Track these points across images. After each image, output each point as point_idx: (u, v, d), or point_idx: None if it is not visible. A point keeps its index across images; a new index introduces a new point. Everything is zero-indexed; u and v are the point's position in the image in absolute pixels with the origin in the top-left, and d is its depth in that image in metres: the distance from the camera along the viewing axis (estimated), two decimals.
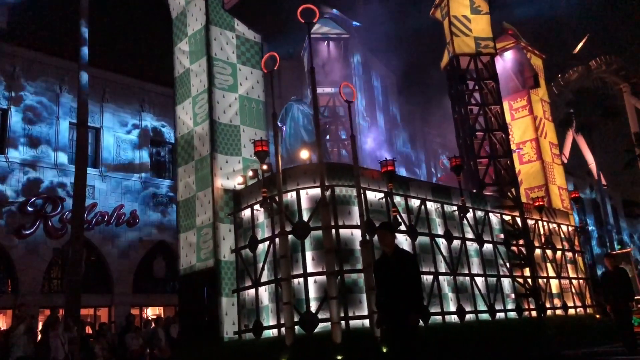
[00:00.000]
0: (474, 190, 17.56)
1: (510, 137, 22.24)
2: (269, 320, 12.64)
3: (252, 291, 13.11)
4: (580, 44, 59.65)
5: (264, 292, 12.92)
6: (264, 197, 12.64)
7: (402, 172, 25.98)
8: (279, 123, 15.29)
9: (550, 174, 21.91)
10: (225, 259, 13.71)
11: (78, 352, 14.67)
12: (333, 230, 12.17)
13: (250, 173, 13.79)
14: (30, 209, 21.86)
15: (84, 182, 17.74)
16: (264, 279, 12.89)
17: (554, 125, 23.43)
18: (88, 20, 18.77)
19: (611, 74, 57.32)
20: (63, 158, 23.44)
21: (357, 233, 12.47)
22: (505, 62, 23.30)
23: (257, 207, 13.20)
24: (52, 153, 23.20)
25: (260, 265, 12.99)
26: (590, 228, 44.11)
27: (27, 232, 21.66)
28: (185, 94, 15.65)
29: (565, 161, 52.00)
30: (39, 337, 15.32)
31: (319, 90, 20.22)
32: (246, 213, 13.65)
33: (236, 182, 14.15)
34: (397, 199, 13.97)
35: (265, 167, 13.06)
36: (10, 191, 21.64)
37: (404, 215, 13.83)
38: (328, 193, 12.43)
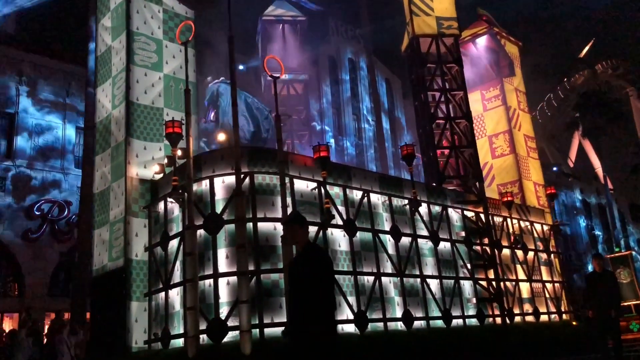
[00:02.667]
0: (434, 184, 15.90)
1: (482, 129, 20.68)
2: (180, 327, 10.94)
3: (164, 295, 11.43)
4: (586, 48, 58.65)
5: (176, 296, 11.23)
6: (173, 187, 10.99)
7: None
8: (205, 103, 13.70)
9: (525, 169, 20.27)
10: (137, 258, 12.04)
11: (84, 355, 13.78)
12: (250, 224, 10.50)
13: (166, 160, 12.13)
14: (37, 212, 22.20)
15: (91, 185, 16.33)
16: (176, 280, 11.21)
17: (530, 116, 21.76)
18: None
19: (617, 78, 56.23)
20: (70, 162, 23.78)
21: (282, 227, 10.80)
22: (479, 49, 21.72)
23: (170, 199, 11.53)
24: (58, 157, 23.43)
25: (171, 264, 11.31)
26: (597, 233, 42.75)
27: (34, 235, 21.91)
28: (106, 75, 14.03)
29: (572, 165, 50.79)
30: (45, 340, 15.33)
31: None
32: (162, 206, 11.99)
33: (153, 171, 12.49)
34: (336, 190, 12.32)
35: (180, 152, 11.39)
36: (18, 195, 21.89)
37: (342, 208, 12.16)
38: (247, 181, 10.79)
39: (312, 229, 11.31)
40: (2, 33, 24.43)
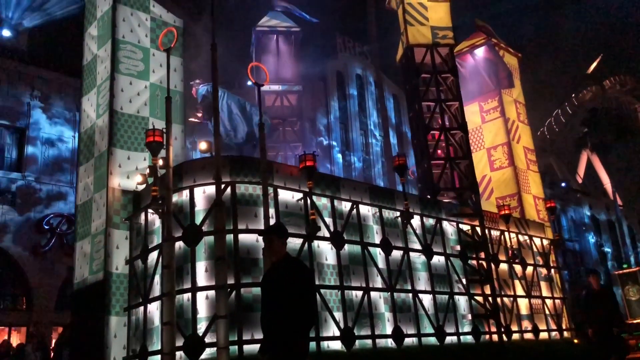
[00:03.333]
0: (428, 196, 15.47)
1: (481, 141, 20.29)
2: (158, 343, 10.51)
3: (143, 309, 11.02)
4: (594, 64, 58.51)
5: (156, 311, 10.81)
6: (153, 198, 10.64)
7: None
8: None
9: (524, 182, 19.80)
10: (117, 272, 11.65)
11: None
12: (231, 236, 10.10)
13: (148, 170, 11.78)
14: (46, 226, 22.16)
15: None
16: (156, 294, 10.79)
17: (530, 128, 21.32)
18: None
19: (625, 94, 55.91)
20: None
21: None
22: (477, 60, 21.39)
23: (151, 210, 11.16)
24: (68, 171, 23.45)
25: (150, 278, 10.90)
26: (606, 250, 42.19)
27: (43, 249, 21.92)
28: (91, 84, 13.79)
29: (580, 181, 50.30)
30: (52, 354, 15.39)
31: (265, 88, 18.40)
32: (143, 217, 11.62)
33: (135, 182, 12.14)
34: (324, 201, 11.92)
35: (161, 161, 11.05)
36: (27, 208, 21.94)
37: (329, 220, 11.75)
38: (229, 191, 10.42)
39: (297, 241, 10.92)
40: (14, 49, 24.79)
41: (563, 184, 43.13)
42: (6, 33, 24.45)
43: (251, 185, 10.68)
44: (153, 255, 11.01)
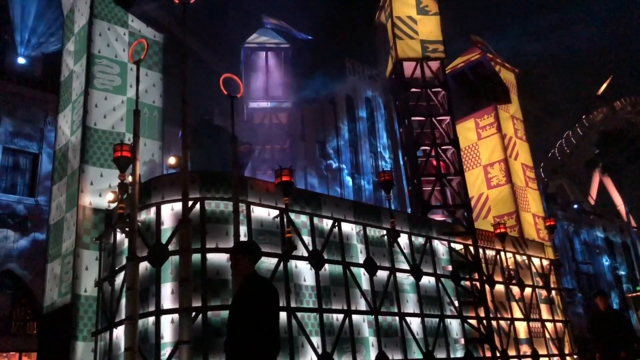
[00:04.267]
0: (419, 214, 14.85)
1: (477, 158, 19.70)
2: None
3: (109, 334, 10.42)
4: (604, 85, 58.28)
5: (122, 335, 10.18)
6: (119, 215, 10.10)
7: None
8: None
9: (523, 200, 19.10)
10: (86, 294, 11.09)
11: None
12: (198, 255, 9.54)
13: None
14: None
15: None
16: (123, 317, 10.18)
17: (528, 145, 20.69)
18: None
19: (637, 115, 55.44)
20: None
21: None
22: (473, 76, 20.89)
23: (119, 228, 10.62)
24: None
25: (117, 301, 10.32)
26: (621, 272, 41.32)
27: None
28: (67, 100, 13.44)
29: (593, 203, 49.50)
30: None
31: (253, 105, 18.01)
32: (113, 237, 11.09)
33: (107, 200, 11.64)
34: (303, 219, 11.34)
35: (130, 178, 10.53)
36: (39, 233, 21.11)
37: (308, 238, 11.15)
38: (197, 207, 9.89)
39: (272, 261, 10.32)
40: (29, 76, 24.81)
41: (575, 206, 42.43)
42: (21, 60, 24.42)
43: (223, 201, 10.13)
44: (121, 277, 10.44)
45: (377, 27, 17.57)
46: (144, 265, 9.85)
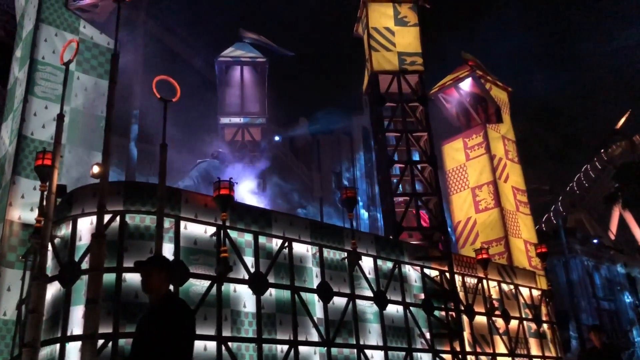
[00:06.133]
0: (390, 237, 13.66)
1: (465, 180, 18.52)
2: None
3: None
4: (623, 119, 57.43)
5: None
6: (35, 229, 9.10)
7: None
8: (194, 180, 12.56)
9: (513, 225, 17.80)
10: (5, 317, 10.04)
11: None
12: (113, 274, 8.46)
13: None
14: None
15: None
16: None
17: (520, 167, 19.46)
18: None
19: None
20: None
21: None
22: (462, 94, 19.87)
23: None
24: None
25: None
26: None
27: None
28: (10, 109, 12.63)
29: (613, 238, 47.98)
30: None
31: (225, 120, 17.12)
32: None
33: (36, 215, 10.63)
34: (248, 237, 10.22)
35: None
36: None
37: (251, 259, 10.02)
38: (117, 221, 8.85)
39: (205, 283, 9.21)
40: None
41: (595, 240, 40.96)
42: None
43: (149, 215, 9.08)
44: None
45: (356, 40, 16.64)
46: (58, 286, 8.79)
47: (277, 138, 32.30)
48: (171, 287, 8.33)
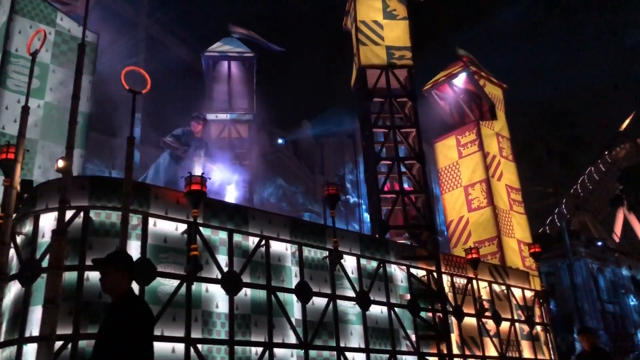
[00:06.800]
0: (376, 235, 13.26)
1: (458, 178, 18.11)
2: None
3: None
4: (627, 121, 57.04)
5: None
6: None
7: None
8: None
9: (507, 224, 17.37)
10: None
11: None
12: (75, 273, 8.09)
13: None
14: None
15: None
16: None
17: (514, 165, 19.03)
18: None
19: None
20: None
21: None
22: (456, 91, 19.45)
23: None
24: None
25: None
26: None
27: None
28: None
29: (618, 240, 47.63)
30: None
31: (211, 117, 16.74)
32: None
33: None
34: (222, 235, 9.84)
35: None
36: None
37: (224, 258, 9.64)
38: (81, 217, 8.48)
39: (174, 283, 8.83)
40: None
41: (599, 243, 40.54)
42: None
43: (116, 212, 8.70)
44: (5, 301, 9.00)
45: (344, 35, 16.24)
46: (19, 285, 8.43)
47: (280, 141, 32.03)
48: (135, 286, 7.98)
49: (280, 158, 31.09)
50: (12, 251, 8.72)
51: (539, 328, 15.70)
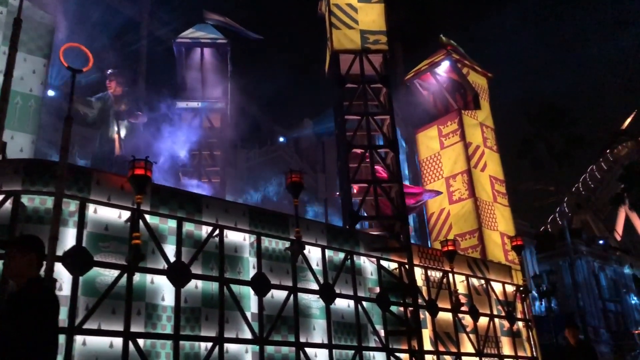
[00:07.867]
0: (347, 226, 12.67)
1: (439, 169, 17.51)
2: None
3: None
4: (629, 119, 56.69)
5: None
6: None
7: None
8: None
9: (489, 217, 16.78)
10: None
11: None
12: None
13: None
14: None
15: None
16: None
17: (498, 155, 18.42)
18: None
19: None
20: None
21: (61, 269, 7.80)
22: (439, 80, 18.87)
23: None
24: None
25: None
26: None
27: None
28: None
29: (619, 239, 47.25)
30: None
31: (182, 105, 16.19)
32: None
33: None
34: (171, 224, 9.25)
35: None
36: None
37: (171, 248, 9.06)
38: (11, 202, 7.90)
39: (114, 273, 8.24)
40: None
41: (601, 241, 40.16)
42: (50, 93, 23.79)
43: (51, 197, 8.12)
44: None
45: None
46: None
47: (281, 139, 31.59)
48: (68, 276, 7.39)
49: (281, 156, 30.61)
50: None
51: (520, 324, 15.13)
